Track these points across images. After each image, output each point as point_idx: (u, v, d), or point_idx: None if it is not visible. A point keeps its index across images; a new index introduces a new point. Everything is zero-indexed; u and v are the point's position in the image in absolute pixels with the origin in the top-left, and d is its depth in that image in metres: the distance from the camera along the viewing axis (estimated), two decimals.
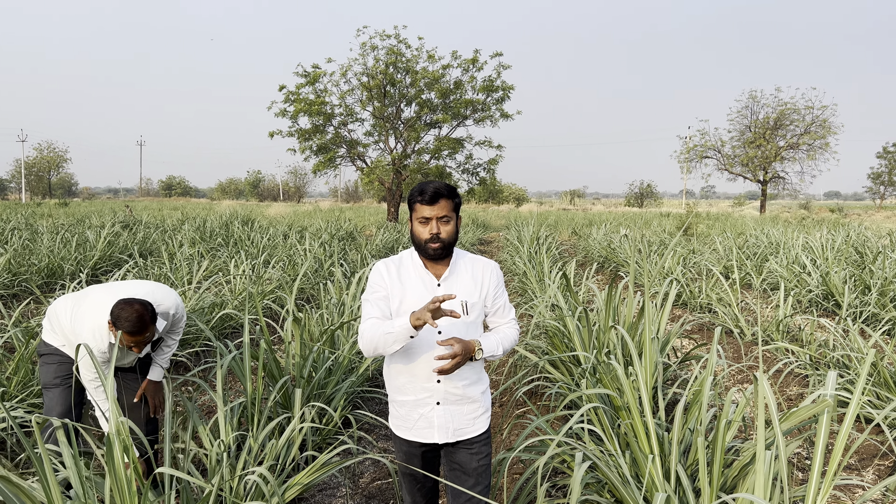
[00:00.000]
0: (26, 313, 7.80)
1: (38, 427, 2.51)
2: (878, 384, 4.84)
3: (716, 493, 2.78)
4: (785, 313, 7.06)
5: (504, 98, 26.93)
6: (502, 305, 2.60)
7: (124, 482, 2.52)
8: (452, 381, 2.46)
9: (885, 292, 8.24)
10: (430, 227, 2.40)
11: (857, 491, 3.83)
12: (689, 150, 47.57)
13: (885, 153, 65.46)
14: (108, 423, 2.90)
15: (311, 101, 26.14)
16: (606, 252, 15.08)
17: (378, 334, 2.32)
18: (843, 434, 2.62)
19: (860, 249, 12.37)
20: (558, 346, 5.32)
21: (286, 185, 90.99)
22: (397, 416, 2.56)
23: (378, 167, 27.22)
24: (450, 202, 2.43)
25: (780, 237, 15.63)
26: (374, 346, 2.35)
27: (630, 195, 71.59)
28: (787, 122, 43.41)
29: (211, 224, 18.76)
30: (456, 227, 2.47)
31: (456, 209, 2.47)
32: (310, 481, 3.34)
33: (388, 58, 26.12)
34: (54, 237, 13.39)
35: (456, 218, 2.48)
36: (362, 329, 2.39)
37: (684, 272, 10.58)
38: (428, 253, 2.43)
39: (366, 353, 2.40)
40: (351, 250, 14.60)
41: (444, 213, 2.40)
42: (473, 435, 2.53)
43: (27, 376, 4.68)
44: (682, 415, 3.19)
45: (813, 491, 2.59)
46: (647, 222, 27.06)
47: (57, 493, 2.40)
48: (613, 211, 48.98)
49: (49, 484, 2.39)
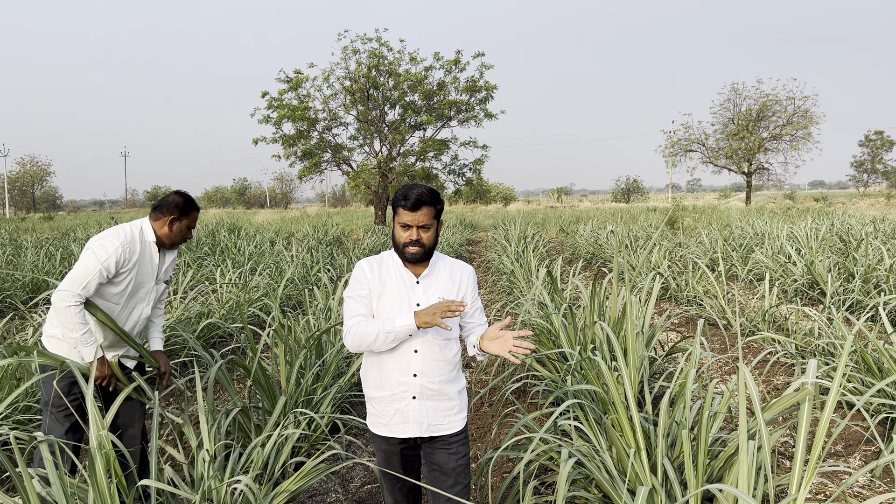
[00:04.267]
0: (10, 329, 7.73)
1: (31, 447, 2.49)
2: (863, 370, 4.88)
3: (701, 484, 2.79)
4: (770, 303, 7.11)
5: (487, 98, 27.00)
6: (478, 308, 2.68)
7: (107, 495, 2.50)
8: (428, 377, 2.52)
9: (868, 279, 8.32)
10: (410, 234, 2.46)
11: (843, 477, 3.86)
12: (673, 145, 47.85)
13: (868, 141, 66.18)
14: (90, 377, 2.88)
15: (294, 107, 26.09)
16: (594, 248, 15.13)
17: (373, 332, 2.38)
18: (823, 421, 2.64)
19: (844, 237, 12.48)
20: (545, 344, 5.33)
21: (273, 191, 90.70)
22: (374, 414, 2.60)
23: (364, 171, 27.19)
24: (432, 209, 2.48)
25: (765, 228, 15.74)
26: (366, 344, 2.42)
27: (617, 191, 71.96)
28: (769, 113, 43.76)
29: (197, 233, 18.66)
30: (436, 232, 2.54)
31: (437, 215, 2.53)
32: (297, 488, 3.33)
33: (371, 61, 26.12)
34: (38, 251, 13.27)
35: (437, 224, 2.54)
36: (349, 326, 2.44)
37: (670, 266, 10.63)
38: (406, 257, 2.50)
39: (352, 349, 2.46)
40: (339, 255, 14.58)
41: (425, 220, 2.46)
42: (448, 433, 2.57)
43: (11, 392, 4.64)
44: (669, 408, 3.21)
45: (797, 478, 2.60)
46: (633, 217, 27.17)
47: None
48: (600, 207, 49.16)
49: (31, 502, 2.36)
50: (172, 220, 3.33)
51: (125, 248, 3.17)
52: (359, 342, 2.41)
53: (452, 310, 2.26)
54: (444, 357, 2.54)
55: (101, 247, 3.13)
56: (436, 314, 2.28)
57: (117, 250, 3.13)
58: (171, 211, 3.32)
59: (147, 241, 3.32)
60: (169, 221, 3.32)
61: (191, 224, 3.42)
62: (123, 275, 3.22)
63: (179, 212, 3.34)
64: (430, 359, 2.51)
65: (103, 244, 3.14)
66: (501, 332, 2.46)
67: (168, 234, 3.34)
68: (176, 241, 3.39)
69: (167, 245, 3.38)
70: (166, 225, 3.32)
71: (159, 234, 3.33)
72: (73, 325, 3.07)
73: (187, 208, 3.37)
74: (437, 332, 2.52)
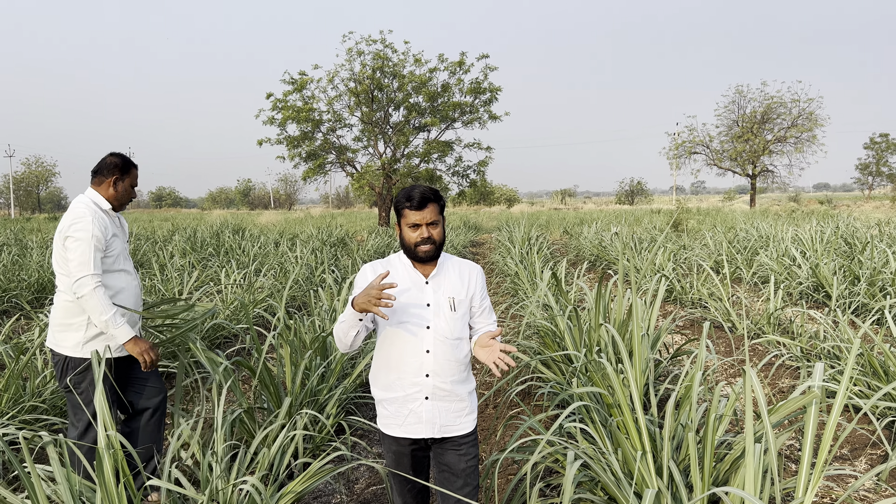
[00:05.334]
0: (16, 329, 7.75)
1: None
2: (868, 374, 4.87)
3: (707, 487, 2.79)
4: (775, 306, 7.10)
5: (492, 100, 27.00)
6: (487, 307, 2.69)
7: (115, 495, 2.51)
8: (441, 377, 2.53)
9: (873, 282, 8.30)
10: (420, 232, 2.48)
11: (849, 481, 3.85)
12: (677, 147, 47.77)
13: (872, 144, 66.00)
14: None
15: (298, 108, 26.13)
16: (598, 250, 15.11)
17: (338, 328, 2.47)
18: (830, 424, 2.63)
19: (849, 240, 12.45)
20: (550, 346, 5.33)
21: (277, 192, 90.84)
22: (386, 416, 2.60)
23: (368, 172, 27.22)
24: (436, 205, 2.52)
25: (769, 230, 15.70)
26: (339, 339, 2.50)
27: (620, 193, 71.88)
28: (773, 115, 43.67)
29: (202, 234, 18.69)
30: (443, 228, 2.57)
31: (441, 211, 2.56)
32: (303, 489, 3.33)
33: (375, 63, 26.15)
34: (44, 252, 13.31)
35: (442, 220, 2.57)
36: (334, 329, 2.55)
37: (675, 268, 10.62)
38: (419, 256, 2.52)
39: (340, 348, 2.54)
40: (343, 256, 14.59)
41: (432, 217, 2.49)
42: (459, 434, 2.58)
43: (17, 392, 4.66)
44: (674, 410, 3.21)
45: (803, 482, 2.60)
46: (637, 219, 27.14)
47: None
48: (604, 209, 49.14)
49: (39, 501, 2.38)
50: (115, 181, 3.46)
51: (95, 216, 3.30)
52: (337, 341, 2.51)
53: (383, 297, 2.26)
54: (455, 357, 2.55)
55: (78, 229, 3.24)
56: (370, 301, 2.27)
57: (92, 222, 3.26)
58: (112, 172, 3.46)
59: (104, 209, 3.44)
60: (112, 182, 3.45)
61: (132, 182, 3.55)
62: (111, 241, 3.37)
63: (120, 171, 3.47)
64: (442, 359, 2.52)
65: (77, 224, 3.25)
66: (491, 341, 2.48)
67: (114, 194, 3.47)
68: (123, 200, 3.52)
69: (116, 207, 3.51)
70: (111, 186, 3.45)
71: (107, 197, 3.46)
72: (102, 308, 3.17)
73: (126, 167, 3.50)
74: (449, 332, 2.53)
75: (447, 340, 2.53)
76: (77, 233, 3.23)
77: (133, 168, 3.55)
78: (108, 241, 3.34)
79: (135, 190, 3.61)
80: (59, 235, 3.31)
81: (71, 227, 3.26)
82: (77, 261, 3.19)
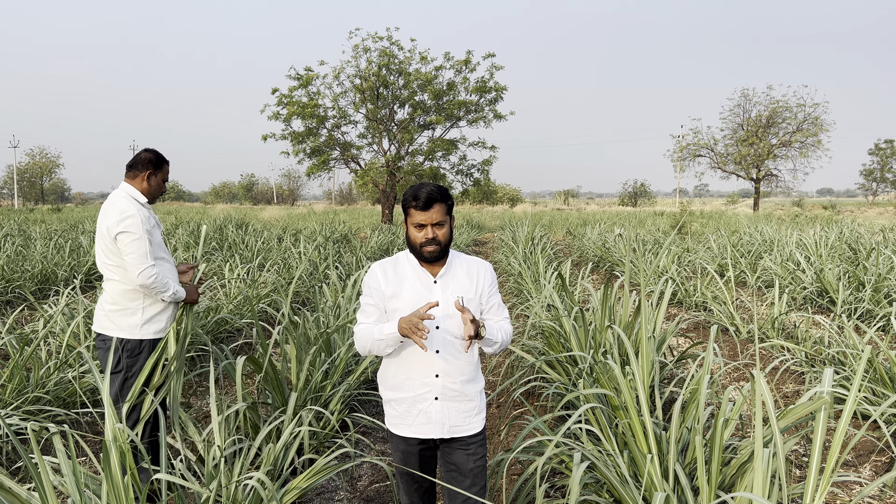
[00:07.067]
0: (20, 320, 7.76)
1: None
2: (874, 380, 4.86)
3: (714, 491, 2.78)
4: (780, 311, 7.08)
5: (497, 99, 26.93)
6: (496, 304, 2.65)
7: (121, 488, 2.50)
8: (451, 377, 2.52)
9: (878, 288, 8.27)
10: (425, 233, 2.46)
11: (854, 487, 3.84)
12: (682, 149, 47.71)
13: (877, 150, 65.84)
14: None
15: (304, 104, 26.11)
16: (601, 252, 15.09)
17: (370, 340, 2.49)
18: (840, 431, 2.62)
19: (853, 246, 12.42)
20: (555, 347, 5.32)
21: (280, 188, 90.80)
22: (395, 416, 2.59)
23: (372, 169, 27.20)
24: (443, 206, 2.48)
25: (773, 235, 15.67)
26: (368, 349, 2.52)
27: (624, 194, 71.75)
28: (779, 119, 43.60)
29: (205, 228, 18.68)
30: (450, 228, 2.53)
31: (449, 211, 2.53)
32: (307, 485, 3.33)
33: (381, 60, 26.10)
34: (47, 243, 13.32)
35: (450, 220, 2.54)
36: (356, 332, 2.56)
37: (679, 271, 10.60)
38: (424, 256, 2.50)
39: (361, 353, 2.57)
40: (346, 252, 14.59)
41: (438, 217, 2.46)
42: (468, 434, 2.57)
43: (21, 383, 4.66)
44: (680, 413, 3.20)
45: (811, 488, 2.59)
46: (641, 221, 27.11)
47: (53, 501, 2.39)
48: (607, 210, 49.07)
49: (45, 492, 2.37)
50: (149, 175, 3.63)
51: (140, 210, 3.51)
52: (363, 349, 2.53)
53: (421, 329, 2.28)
54: (465, 356, 2.53)
55: (130, 224, 3.44)
56: (411, 329, 2.29)
57: (137, 215, 3.47)
58: (146, 167, 3.63)
59: (141, 202, 3.61)
60: (146, 176, 3.63)
61: (164, 177, 3.74)
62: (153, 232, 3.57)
63: (153, 166, 3.65)
64: (452, 358, 2.50)
65: (127, 221, 3.44)
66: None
67: (148, 188, 3.65)
68: (155, 193, 3.70)
69: (149, 199, 3.68)
70: (145, 180, 3.63)
71: (141, 190, 3.63)
72: (165, 287, 3.51)
73: (160, 162, 3.69)
74: (459, 331, 2.50)
75: (457, 340, 2.51)
76: (130, 227, 3.43)
77: (165, 163, 3.73)
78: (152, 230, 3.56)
79: (166, 184, 3.80)
80: (104, 230, 3.50)
81: (121, 222, 3.45)
82: (136, 254, 3.42)
